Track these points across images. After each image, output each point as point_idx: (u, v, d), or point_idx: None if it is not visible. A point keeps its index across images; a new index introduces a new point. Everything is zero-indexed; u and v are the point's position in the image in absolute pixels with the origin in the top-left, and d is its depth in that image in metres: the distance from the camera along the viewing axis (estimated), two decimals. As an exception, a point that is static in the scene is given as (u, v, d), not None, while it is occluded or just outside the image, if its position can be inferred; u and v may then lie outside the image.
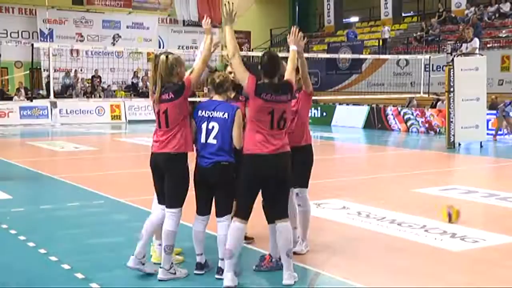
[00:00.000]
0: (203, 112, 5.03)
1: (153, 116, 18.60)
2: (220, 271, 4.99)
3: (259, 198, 5.02)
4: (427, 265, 5.61)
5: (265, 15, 34.70)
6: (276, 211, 4.95)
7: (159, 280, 4.98)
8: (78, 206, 8.03)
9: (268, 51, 5.19)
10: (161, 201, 5.17)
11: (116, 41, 29.63)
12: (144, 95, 27.42)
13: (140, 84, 28.51)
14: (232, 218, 5.00)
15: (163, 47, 30.17)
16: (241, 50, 33.49)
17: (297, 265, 5.34)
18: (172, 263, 5.06)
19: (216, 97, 5.15)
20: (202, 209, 5.17)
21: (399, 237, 6.39)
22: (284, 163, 4.87)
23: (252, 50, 32.60)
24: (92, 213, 7.67)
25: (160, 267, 5.02)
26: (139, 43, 29.92)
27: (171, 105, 4.96)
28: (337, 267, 5.40)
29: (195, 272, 5.14)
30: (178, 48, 29.50)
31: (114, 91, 27.74)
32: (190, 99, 5.24)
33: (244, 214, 4.88)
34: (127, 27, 30.34)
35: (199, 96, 32.44)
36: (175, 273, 5.05)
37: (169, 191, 5.06)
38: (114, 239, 6.33)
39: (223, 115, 4.94)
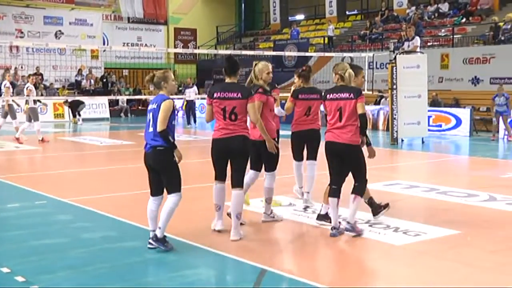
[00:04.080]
0: (149, 106, 5.80)
1: (97, 115, 18.45)
2: (154, 237, 5.68)
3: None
4: (371, 259, 5.73)
5: (211, 12, 34.61)
6: (232, 181, 6.12)
7: (263, 222, 6.77)
8: (19, 207, 7.81)
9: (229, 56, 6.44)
10: (252, 167, 6.81)
11: (59, 38, 28.95)
12: (89, 93, 26.90)
13: (84, 82, 27.93)
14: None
15: (107, 44, 29.71)
16: (187, 47, 33.03)
17: (244, 262, 5.38)
18: (271, 210, 6.88)
19: (160, 93, 5.80)
20: (154, 191, 5.78)
21: (344, 232, 6.48)
22: (235, 142, 6.00)
23: (198, 48, 32.46)
24: (34, 214, 7.47)
25: (264, 213, 6.83)
26: (83, 40, 29.34)
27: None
28: (284, 263, 5.45)
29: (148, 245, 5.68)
30: (123, 45, 29.10)
31: (57, 89, 27.08)
32: (136, 96, 5.87)
33: (220, 176, 6.26)
34: (70, 23, 29.69)
35: (144, 94, 31.83)
36: (274, 217, 6.89)
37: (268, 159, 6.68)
38: (58, 240, 6.19)
39: (155, 105, 5.66)
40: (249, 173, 6.75)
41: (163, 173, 5.63)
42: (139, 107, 28.50)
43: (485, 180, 10.20)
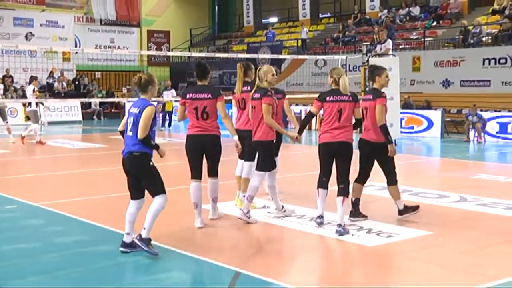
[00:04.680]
0: (131, 108, 5.72)
1: (69, 117, 18.31)
2: (127, 245, 5.67)
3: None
4: (345, 260, 5.78)
5: (184, 14, 34.48)
6: (208, 171, 6.75)
7: (238, 218, 6.89)
8: (-11, 212, 7.68)
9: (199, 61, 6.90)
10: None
11: (29, 40, 28.54)
12: (60, 95, 26.56)
13: (56, 84, 27.57)
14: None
15: (79, 46, 29.38)
16: (160, 50, 32.87)
17: (218, 264, 5.37)
18: (249, 210, 6.89)
19: (143, 96, 5.79)
20: (133, 195, 5.77)
21: (318, 234, 6.53)
22: (208, 140, 6.60)
23: (172, 50, 32.31)
24: (4, 218, 7.35)
25: (240, 209, 6.97)
26: (54, 41, 28.94)
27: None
28: (258, 265, 5.46)
29: (121, 249, 5.65)
30: (96, 47, 28.83)
31: (28, 91, 26.64)
32: (109, 99, 5.64)
33: (196, 175, 6.72)
34: (41, 25, 29.28)
35: (117, 97, 31.58)
36: (249, 218, 6.88)
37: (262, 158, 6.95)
38: (29, 245, 6.10)
39: (136, 110, 5.60)
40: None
41: (142, 178, 5.64)
42: (112, 110, 28.24)
43: (456, 181, 10.35)
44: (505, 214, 7.60)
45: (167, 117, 22.90)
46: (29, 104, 16.23)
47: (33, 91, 16.06)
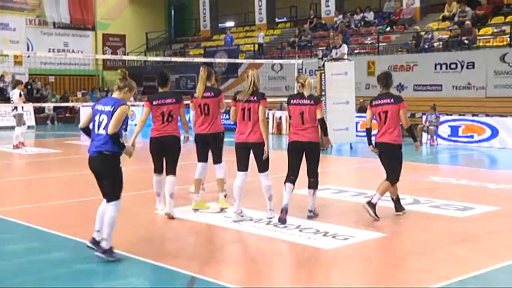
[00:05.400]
0: (99, 106, 5.57)
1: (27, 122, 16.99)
2: (96, 243, 5.59)
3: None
4: (301, 263, 5.82)
5: (140, 18, 34.15)
6: (167, 170, 7.36)
7: (268, 218, 7.15)
8: None
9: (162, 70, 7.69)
10: (241, 168, 7.20)
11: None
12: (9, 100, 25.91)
13: (10, 89, 26.89)
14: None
15: (31, 50, 28.77)
16: (116, 54, 32.29)
17: (174, 269, 5.34)
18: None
19: (115, 94, 5.66)
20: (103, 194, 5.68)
21: (275, 237, 6.55)
22: (168, 141, 7.30)
23: (128, 54, 31.96)
24: (-47, 227, 7.13)
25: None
26: (5, 44, 28.22)
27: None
28: (215, 270, 5.45)
29: (88, 244, 5.60)
30: (49, 51, 28.25)
31: (-23, 96, 25.98)
32: (63, 104, 5.56)
33: (159, 170, 7.48)
34: (-10, 27, 28.55)
35: (72, 101, 30.96)
36: (273, 217, 7.21)
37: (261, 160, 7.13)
38: (-22, 254, 5.93)
39: (110, 107, 5.46)
40: (238, 176, 7.18)
41: (106, 178, 5.52)
42: (67, 115, 27.75)
43: (409, 184, 10.52)
44: (457, 216, 7.79)
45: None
46: (15, 108, 16.14)
47: (20, 95, 15.94)
